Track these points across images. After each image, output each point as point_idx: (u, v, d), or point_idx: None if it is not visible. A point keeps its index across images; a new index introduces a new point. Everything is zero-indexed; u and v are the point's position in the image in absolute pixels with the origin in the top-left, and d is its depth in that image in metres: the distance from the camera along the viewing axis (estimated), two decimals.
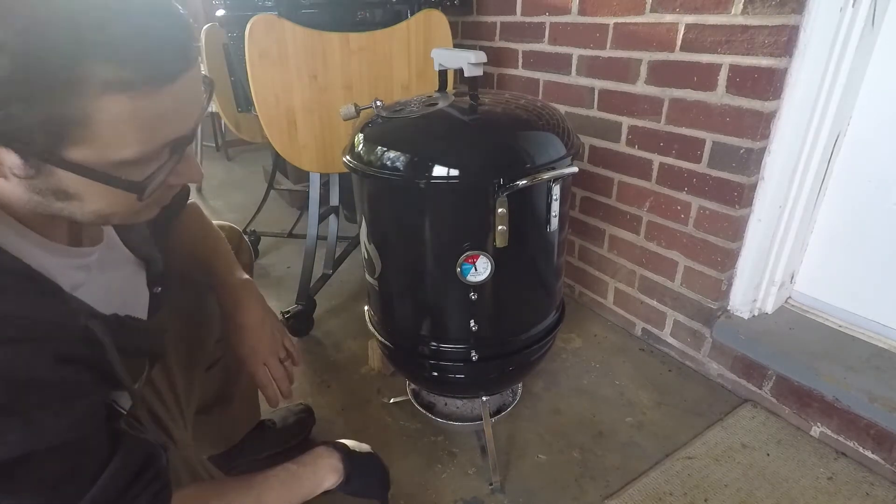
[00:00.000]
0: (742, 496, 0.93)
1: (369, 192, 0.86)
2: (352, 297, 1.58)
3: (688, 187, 1.14)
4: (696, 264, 1.18)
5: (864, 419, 0.96)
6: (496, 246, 0.79)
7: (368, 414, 1.15)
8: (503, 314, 0.90)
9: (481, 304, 0.85)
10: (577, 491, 0.96)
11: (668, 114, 1.13)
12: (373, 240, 0.89)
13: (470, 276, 0.81)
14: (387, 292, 0.94)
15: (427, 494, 0.96)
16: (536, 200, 0.82)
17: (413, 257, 0.86)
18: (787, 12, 0.90)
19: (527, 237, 0.84)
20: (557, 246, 0.91)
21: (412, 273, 0.88)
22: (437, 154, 0.77)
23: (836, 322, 1.12)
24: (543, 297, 0.96)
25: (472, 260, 0.80)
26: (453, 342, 0.91)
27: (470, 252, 0.80)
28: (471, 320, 0.87)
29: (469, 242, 0.80)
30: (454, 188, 0.77)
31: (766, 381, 1.11)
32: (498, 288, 0.85)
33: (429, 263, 0.85)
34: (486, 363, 0.92)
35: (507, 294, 0.88)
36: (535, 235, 0.86)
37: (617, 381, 1.23)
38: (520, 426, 1.10)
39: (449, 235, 0.82)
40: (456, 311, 0.88)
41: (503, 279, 0.84)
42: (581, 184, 1.41)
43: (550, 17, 1.34)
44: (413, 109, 0.85)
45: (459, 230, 0.81)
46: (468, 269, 0.81)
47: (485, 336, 0.89)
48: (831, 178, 1.08)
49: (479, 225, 0.79)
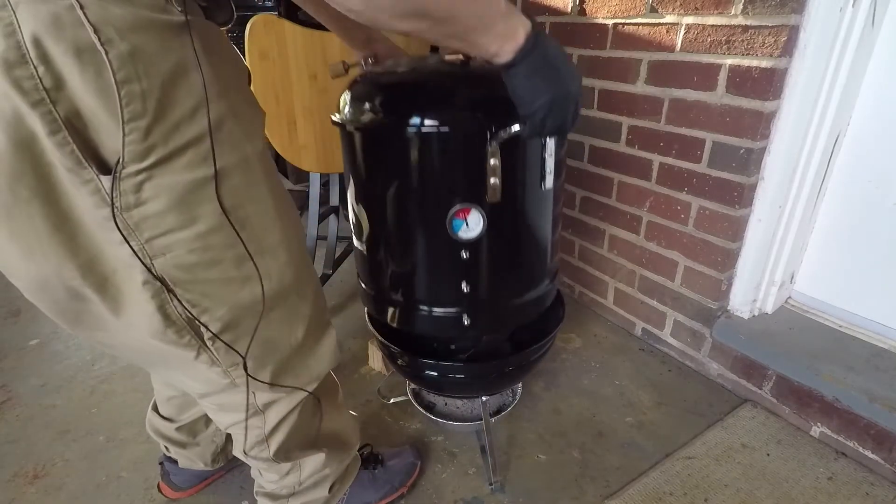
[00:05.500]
0: (742, 496, 0.93)
1: (357, 148, 0.82)
2: (352, 297, 1.58)
3: (688, 187, 1.14)
4: (696, 264, 1.18)
5: (864, 419, 0.96)
6: (489, 201, 0.74)
7: (368, 414, 1.15)
8: (496, 276, 0.85)
9: (473, 265, 0.81)
10: (577, 491, 0.96)
11: (668, 114, 1.13)
12: (360, 199, 0.85)
13: (461, 233, 0.78)
14: (375, 254, 0.89)
15: (427, 494, 0.96)
16: (530, 154, 0.78)
17: (401, 214, 0.82)
18: (787, 12, 0.90)
19: (521, 193, 0.80)
20: (553, 206, 0.87)
21: (401, 232, 0.84)
22: (426, 103, 0.73)
23: (836, 322, 1.12)
24: (538, 260, 0.91)
25: (463, 215, 0.77)
26: (444, 305, 0.87)
27: (461, 205, 0.76)
28: (462, 282, 0.83)
29: (460, 196, 0.76)
30: (444, 138, 0.73)
31: (766, 381, 1.11)
32: (491, 247, 0.81)
33: (418, 220, 0.81)
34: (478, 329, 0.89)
35: (501, 254, 0.84)
36: (530, 192, 0.81)
37: (617, 381, 1.23)
38: (520, 426, 1.10)
39: (439, 189, 0.78)
40: (447, 271, 0.84)
41: (496, 238, 0.80)
42: (581, 184, 1.41)
43: (550, 18, 1.34)
44: (403, 66, 0.82)
45: (450, 184, 0.77)
46: (459, 225, 0.77)
47: (477, 299, 0.85)
48: (831, 178, 1.08)
49: (470, 178, 0.75)
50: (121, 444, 1.08)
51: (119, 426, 1.12)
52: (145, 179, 0.47)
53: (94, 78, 0.43)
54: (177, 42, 0.46)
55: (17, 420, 1.16)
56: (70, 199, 0.48)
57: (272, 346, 0.64)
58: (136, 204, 0.48)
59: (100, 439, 1.09)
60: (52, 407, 1.18)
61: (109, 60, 0.43)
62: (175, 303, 0.54)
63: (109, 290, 0.53)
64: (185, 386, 0.68)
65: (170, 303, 0.54)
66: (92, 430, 1.11)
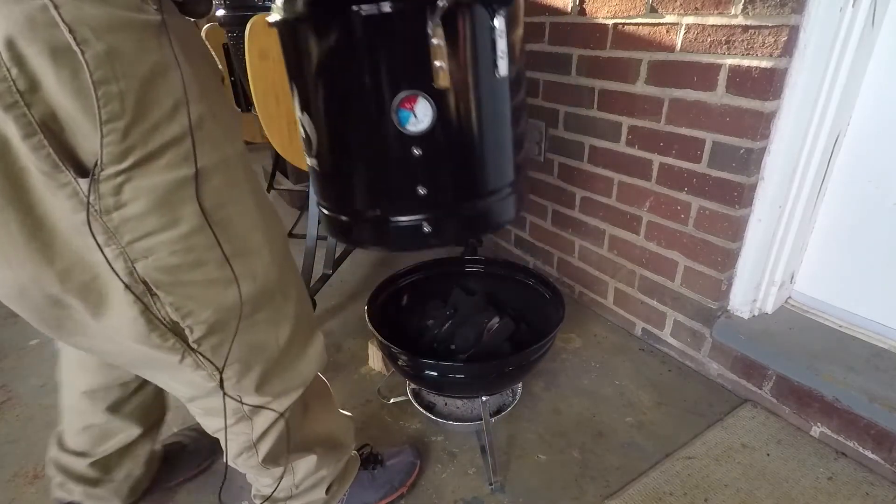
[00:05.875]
0: (742, 496, 0.93)
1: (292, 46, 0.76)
2: (352, 297, 1.58)
3: (688, 187, 1.14)
4: (696, 264, 1.18)
5: (864, 419, 0.96)
6: (437, 87, 0.69)
7: (368, 414, 1.15)
8: (454, 175, 0.80)
9: (428, 164, 0.76)
10: (577, 491, 0.96)
11: (668, 114, 1.13)
12: (304, 107, 0.79)
13: (410, 125, 0.72)
14: (326, 166, 0.84)
15: (427, 494, 0.96)
16: (478, 35, 0.72)
17: (345, 112, 0.76)
18: (787, 12, 0.90)
19: (473, 80, 0.74)
20: (512, 96, 0.81)
21: (347, 133, 0.78)
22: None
23: (836, 322, 1.12)
24: (500, 155, 0.84)
25: (409, 104, 0.71)
26: (402, 213, 0.81)
27: (406, 93, 0.70)
28: (418, 184, 0.77)
29: (405, 83, 0.70)
30: (381, 18, 0.68)
31: (766, 381, 1.11)
32: (445, 142, 0.75)
33: (363, 115, 0.75)
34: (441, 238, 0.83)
35: (457, 149, 0.77)
36: (483, 78, 0.75)
37: (617, 381, 1.23)
38: (520, 426, 1.10)
39: (381, 78, 0.72)
40: (400, 173, 0.78)
41: (449, 130, 0.75)
42: (581, 184, 1.41)
43: (550, 18, 1.34)
44: None
45: (392, 71, 0.71)
46: (407, 117, 0.71)
47: (436, 204, 0.79)
48: (831, 178, 1.08)
49: (414, 62, 0.69)
50: None
51: None
52: (125, 181, 0.47)
53: (71, 79, 0.42)
54: (154, 41, 0.46)
55: (17, 420, 1.16)
56: (46, 205, 0.47)
57: (259, 348, 0.63)
58: (116, 206, 0.47)
59: None
60: (52, 407, 1.17)
61: (86, 61, 0.42)
62: (158, 306, 0.53)
63: (91, 296, 0.52)
64: (171, 389, 0.67)
65: (153, 306, 0.53)
66: None
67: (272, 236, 0.61)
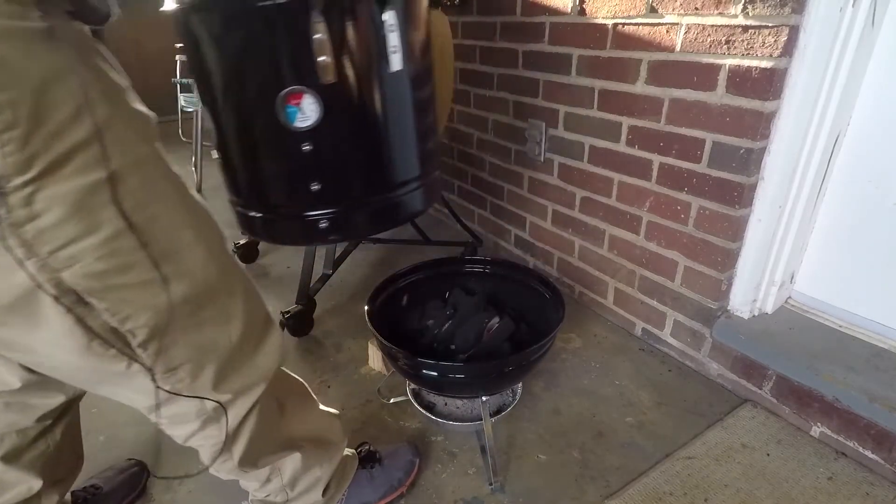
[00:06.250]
0: (742, 496, 0.93)
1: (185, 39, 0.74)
2: (352, 297, 1.58)
3: (688, 187, 1.14)
4: (696, 264, 1.18)
5: (864, 419, 0.96)
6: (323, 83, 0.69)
7: (368, 414, 1.15)
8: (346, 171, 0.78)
9: (319, 160, 0.75)
10: (577, 491, 0.96)
11: (668, 114, 1.13)
12: (204, 100, 0.78)
13: (297, 121, 0.72)
14: (227, 160, 0.82)
15: (427, 494, 0.96)
16: (365, 29, 0.71)
17: (237, 108, 0.75)
18: (787, 13, 0.90)
19: (361, 74, 0.73)
20: (414, 90, 0.79)
21: (240, 129, 0.77)
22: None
23: (836, 322, 1.12)
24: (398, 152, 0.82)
25: (295, 100, 0.71)
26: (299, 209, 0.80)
27: (291, 89, 0.70)
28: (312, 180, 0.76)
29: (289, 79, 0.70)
30: (264, 11, 0.67)
31: (766, 381, 1.11)
32: (334, 138, 0.74)
33: (253, 111, 0.74)
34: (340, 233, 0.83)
35: (347, 146, 0.76)
36: (374, 73, 0.74)
37: (617, 381, 1.23)
38: (520, 426, 1.10)
39: (267, 73, 0.71)
40: (293, 169, 0.77)
41: (338, 126, 0.74)
42: (581, 184, 1.41)
43: (550, 18, 1.34)
44: None
45: (278, 66, 0.71)
46: (293, 112, 0.71)
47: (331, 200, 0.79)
48: (831, 178, 1.08)
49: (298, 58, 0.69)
50: (121, 444, 1.08)
51: (119, 426, 1.12)
52: (35, 191, 0.45)
53: None
54: (42, 48, 0.45)
55: None
56: None
57: (209, 346, 0.61)
58: (30, 218, 0.45)
59: (100, 439, 1.09)
60: None
61: None
62: (94, 314, 0.51)
63: (22, 312, 0.50)
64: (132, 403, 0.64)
65: (88, 315, 0.51)
66: (92, 430, 1.11)
67: (205, 234, 0.60)
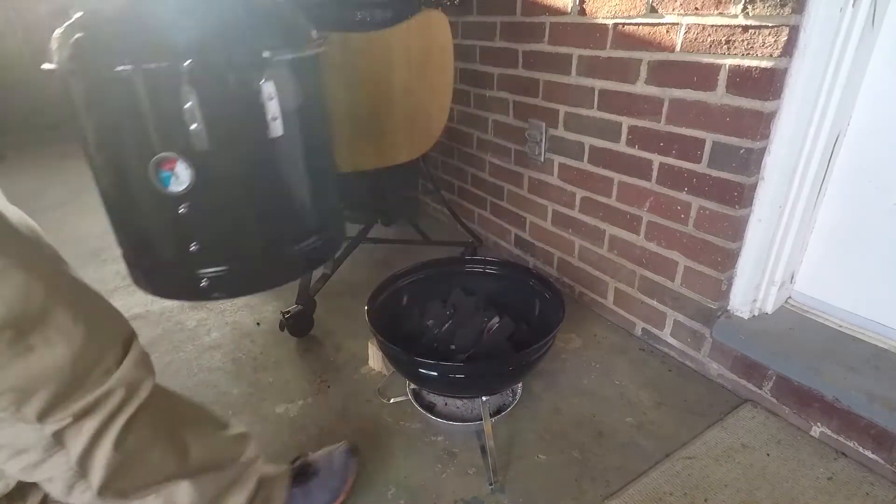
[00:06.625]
0: (742, 496, 0.93)
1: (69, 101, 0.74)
2: (352, 297, 1.58)
3: (688, 187, 1.14)
4: (696, 264, 1.18)
5: (864, 419, 0.96)
6: (196, 149, 0.69)
7: (368, 414, 1.15)
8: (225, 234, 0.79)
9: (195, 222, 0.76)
10: (577, 491, 0.96)
11: (668, 114, 1.13)
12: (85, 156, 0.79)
13: (172, 186, 0.72)
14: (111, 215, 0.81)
15: (427, 494, 0.96)
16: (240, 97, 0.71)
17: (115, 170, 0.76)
18: (787, 12, 0.90)
19: (237, 140, 0.74)
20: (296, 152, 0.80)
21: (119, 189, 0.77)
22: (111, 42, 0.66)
23: (836, 322, 1.12)
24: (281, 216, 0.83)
25: (169, 166, 0.71)
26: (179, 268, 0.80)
27: (163, 156, 0.70)
28: (190, 241, 0.76)
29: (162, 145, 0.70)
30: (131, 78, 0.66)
31: (766, 381, 1.11)
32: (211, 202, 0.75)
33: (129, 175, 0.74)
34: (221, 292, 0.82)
35: (225, 210, 0.77)
36: (253, 140, 0.75)
37: (617, 381, 1.23)
38: (520, 426, 1.10)
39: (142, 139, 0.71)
40: (170, 230, 0.77)
41: (215, 191, 0.74)
42: (581, 184, 1.41)
43: (550, 18, 1.34)
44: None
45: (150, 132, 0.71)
46: (167, 177, 0.72)
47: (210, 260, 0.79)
48: (831, 178, 1.08)
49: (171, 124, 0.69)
50: None
51: None
52: None
53: None
54: None
55: None
56: None
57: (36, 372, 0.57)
58: None
59: None
60: None
61: None
62: None
63: None
64: None
65: None
66: None
67: (23, 255, 0.56)
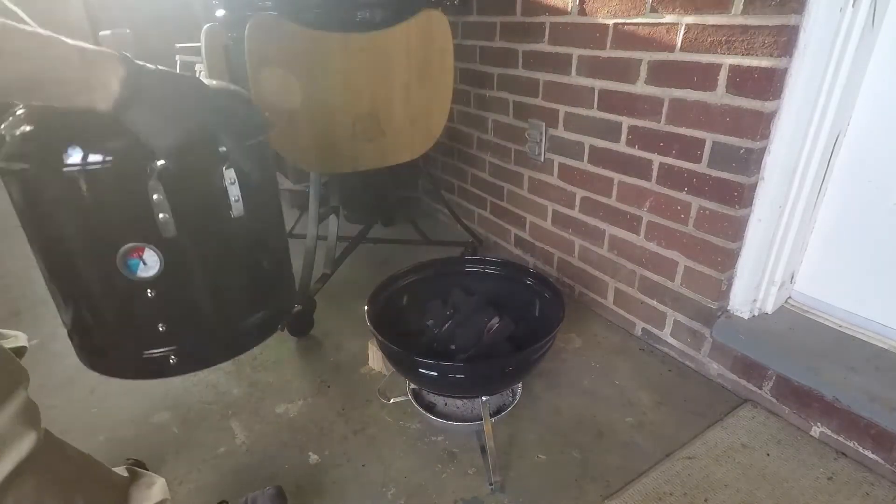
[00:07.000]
0: (742, 496, 0.93)
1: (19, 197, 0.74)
2: (352, 297, 1.58)
3: (688, 187, 1.14)
4: (696, 264, 1.18)
5: (864, 419, 0.96)
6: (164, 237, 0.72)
7: (368, 414, 1.15)
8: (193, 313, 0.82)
9: (164, 303, 0.78)
10: (577, 491, 0.96)
11: (668, 114, 1.13)
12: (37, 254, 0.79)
13: (140, 272, 0.75)
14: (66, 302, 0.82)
15: (427, 494, 0.96)
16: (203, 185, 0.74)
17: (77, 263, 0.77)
18: (787, 12, 0.90)
19: (204, 224, 0.77)
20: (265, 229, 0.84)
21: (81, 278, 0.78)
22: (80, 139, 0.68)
23: (837, 322, 1.12)
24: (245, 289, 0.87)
25: (137, 254, 0.74)
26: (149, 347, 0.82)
27: (131, 245, 0.73)
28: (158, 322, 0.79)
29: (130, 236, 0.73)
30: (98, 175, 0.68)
31: (766, 381, 1.11)
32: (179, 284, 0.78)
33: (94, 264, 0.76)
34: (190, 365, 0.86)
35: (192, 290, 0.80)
36: (217, 221, 0.78)
37: (617, 381, 1.23)
38: (520, 426, 1.10)
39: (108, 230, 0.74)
40: (140, 313, 0.79)
41: (183, 273, 0.77)
42: (581, 184, 1.41)
43: (550, 18, 1.34)
44: None
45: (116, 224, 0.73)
46: (135, 264, 0.74)
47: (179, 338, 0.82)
48: (831, 178, 1.08)
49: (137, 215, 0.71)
50: (121, 444, 1.08)
51: (119, 426, 1.12)
52: None
53: None
54: None
55: None
56: None
57: None
58: None
59: (100, 439, 1.09)
60: (52, 407, 1.18)
61: None
62: None
63: None
64: None
65: None
66: (92, 430, 1.11)
67: None
